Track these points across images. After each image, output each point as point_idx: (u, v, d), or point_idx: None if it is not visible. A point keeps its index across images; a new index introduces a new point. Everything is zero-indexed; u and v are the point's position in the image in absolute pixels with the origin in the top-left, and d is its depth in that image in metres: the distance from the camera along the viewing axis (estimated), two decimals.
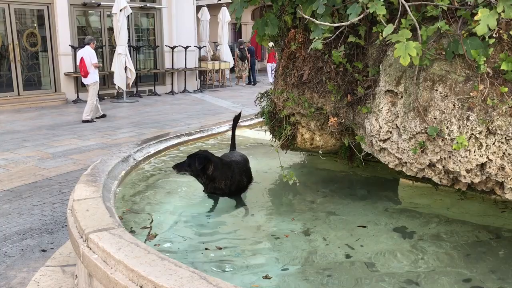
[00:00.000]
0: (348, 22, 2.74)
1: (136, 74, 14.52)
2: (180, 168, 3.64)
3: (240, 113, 4.57)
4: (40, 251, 4.30)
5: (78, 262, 2.69)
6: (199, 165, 3.52)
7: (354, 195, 3.87)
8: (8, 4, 13.22)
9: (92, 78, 11.07)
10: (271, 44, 3.71)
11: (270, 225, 3.29)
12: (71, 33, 14.26)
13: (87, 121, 10.97)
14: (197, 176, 3.64)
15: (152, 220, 3.17)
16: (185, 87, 16.77)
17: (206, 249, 2.82)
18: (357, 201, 3.71)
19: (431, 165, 2.75)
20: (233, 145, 4.36)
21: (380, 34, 2.62)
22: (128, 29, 14.69)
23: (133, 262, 2.02)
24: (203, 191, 3.75)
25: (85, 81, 11.26)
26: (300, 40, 3.30)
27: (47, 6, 13.87)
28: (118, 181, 3.51)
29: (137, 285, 1.93)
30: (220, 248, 2.79)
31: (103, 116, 11.53)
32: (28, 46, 13.91)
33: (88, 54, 11.02)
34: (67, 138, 9.28)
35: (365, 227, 3.14)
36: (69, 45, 14.10)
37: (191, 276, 1.91)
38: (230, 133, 5.53)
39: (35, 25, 14.16)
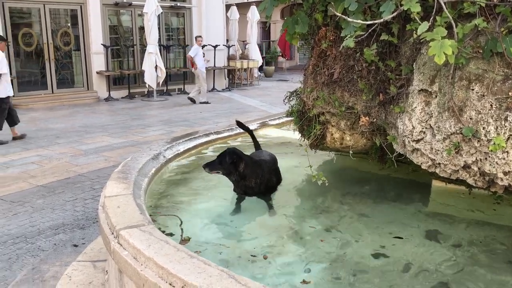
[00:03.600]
0: (381, 20, 2.68)
1: (166, 73, 14.69)
2: (212, 167, 3.60)
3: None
4: (72, 246, 4.39)
5: (108, 258, 2.73)
6: (229, 159, 3.50)
7: (385, 196, 3.80)
8: (44, 4, 13.56)
9: (199, 68, 13.86)
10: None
11: (299, 226, 3.26)
12: (103, 32, 14.53)
13: (204, 102, 13.66)
14: (229, 174, 3.61)
15: (182, 222, 3.17)
16: (213, 85, 16.87)
17: (252, 255, 2.77)
18: (388, 203, 3.64)
19: (466, 167, 2.67)
20: (257, 146, 4.36)
21: (414, 32, 2.55)
22: (159, 28, 14.87)
23: (163, 259, 2.03)
24: (233, 190, 3.74)
25: (195, 72, 14.13)
26: (331, 38, 3.26)
27: (80, 6, 14.17)
28: (149, 179, 3.53)
29: (166, 282, 1.94)
30: (266, 258, 2.74)
31: (193, 101, 13.89)
32: (62, 45, 14.24)
33: (194, 50, 13.96)
34: (98, 135, 9.47)
35: (401, 238, 3.04)
36: (101, 44, 14.36)
37: (220, 274, 1.90)
38: (259, 132, 5.54)
39: (69, 24, 14.49)
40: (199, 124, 10.84)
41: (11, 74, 12.68)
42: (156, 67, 14.05)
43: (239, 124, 4.72)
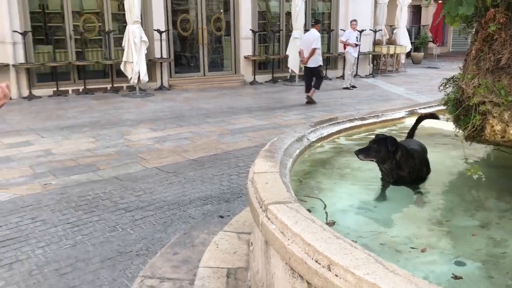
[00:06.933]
0: None
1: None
2: (367, 153, 3.49)
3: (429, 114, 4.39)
4: (218, 217, 4.72)
5: (255, 230, 2.87)
6: (391, 147, 3.40)
7: None
8: None
9: (349, 52, 14.21)
10: None
11: (449, 219, 3.07)
12: (252, 18, 15.09)
13: (346, 88, 13.98)
14: (383, 162, 3.50)
15: (326, 206, 3.19)
16: (356, 71, 16.52)
17: (412, 248, 2.66)
18: None
19: None
20: (411, 135, 4.17)
21: None
22: (305, 13, 14.98)
23: (309, 236, 2.08)
24: (381, 178, 3.64)
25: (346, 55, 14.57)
26: (501, 20, 2.96)
27: None
28: (293, 159, 3.62)
29: (312, 259, 1.98)
30: (424, 251, 2.62)
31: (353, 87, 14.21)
32: (214, 31, 15.14)
33: (347, 34, 14.35)
34: (243, 117, 9.94)
35: None
36: (250, 29, 14.95)
37: (367, 258, 1.89)
38: (406, 120, 5.31)
39: (221, 10, 15.32)
40: (340, 110, 10.76)
41: (169, 57, 13.96)
42: (300, 52, 14.22)
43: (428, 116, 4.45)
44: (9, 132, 8.26)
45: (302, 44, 11.67)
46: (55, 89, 12.27)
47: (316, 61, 11.37)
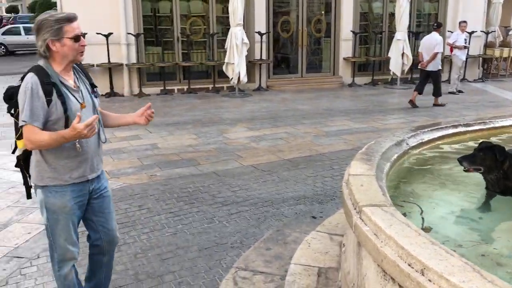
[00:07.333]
0: None
1: (413, 60, 14.22)
2: (471, 161, 3.35)
3: None
4: (310, 217, 4.77)
5: (348, 232, 2.88)
6: (500, 156, 3.23)
7: None
8: None
9: (456, 55, 13.48)
10: None
11: None
12: (353, 19, 14.86)
13: (452, 92, 13.27)
14: (489, 171, 3.32)
15: (422, 211, 3.10)
16: (464, 75, 15.55)
17: None
18: None
19: None
20: None
21: None
22: (410, 14, 14.44)
23: (403, 240, 2.06)
24: (485, 187, 3.45)
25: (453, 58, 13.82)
26: None
27: None
28: (390, 163, 3.55)
29: (405, 262, 1.96)
30: None
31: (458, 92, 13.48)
32: (314, 32, 15.15)
33: (454, 37, 13.60)
34: (340, 119, 9.87)
35: None
36: (351, 30, 14.74)
37: (463, 266, 1.83)
38: None
39: (322, 12, 15.28)
40: (444, 115, 10.27)
41: (268, 58, 14.23)
42: (402, 54, 13.76)
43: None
44: (122, 127, 8.99)
45: (423, 48, 11.55)
46: (162, 88, 13.09)
47: (436, 65, 11.31)
